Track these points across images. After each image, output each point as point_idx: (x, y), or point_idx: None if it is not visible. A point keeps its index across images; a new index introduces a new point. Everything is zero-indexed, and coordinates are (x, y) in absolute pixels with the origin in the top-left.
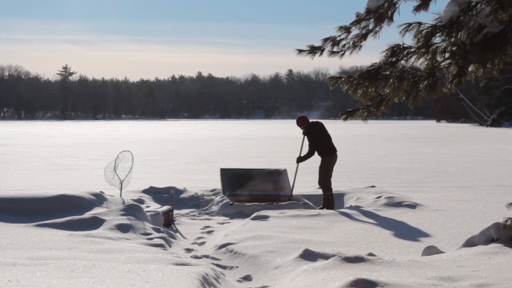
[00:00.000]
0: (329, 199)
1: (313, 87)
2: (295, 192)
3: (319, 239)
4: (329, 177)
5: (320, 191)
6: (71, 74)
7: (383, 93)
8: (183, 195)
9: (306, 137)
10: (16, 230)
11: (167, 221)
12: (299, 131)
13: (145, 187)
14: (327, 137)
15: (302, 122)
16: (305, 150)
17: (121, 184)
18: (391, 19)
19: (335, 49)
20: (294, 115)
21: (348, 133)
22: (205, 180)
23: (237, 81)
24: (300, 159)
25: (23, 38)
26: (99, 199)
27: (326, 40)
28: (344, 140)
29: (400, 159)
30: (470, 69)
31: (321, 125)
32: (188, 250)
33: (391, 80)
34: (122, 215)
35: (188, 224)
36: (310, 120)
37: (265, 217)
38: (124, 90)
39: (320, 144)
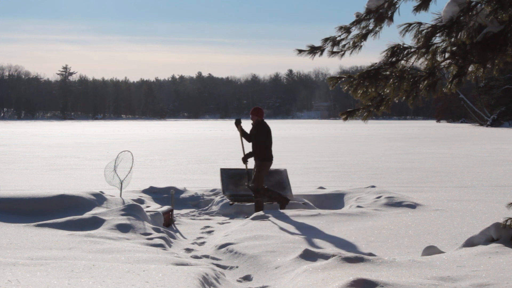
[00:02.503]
0: (260, 204)
1: (313, 87)
2: (295, 192)
3: (319, 239)
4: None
5: (320, 191)
6: (71, 74)
7: (383, 93)
8: (183, 195)
9: (256, 131)
10: (16, 230)
11: (167, 221)
12: (299, 130)
13: (145, 187)
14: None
15: (261, 114)
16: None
17: (121, 184)
18: (391, 19)
19: (335, 49)
20: (294, 115)
21: (348, 133)
22: (205, 180)
23: (237, 81)
24: (247, 157)
25: (23, 38)
26: (99, 199)
27: (326, 40)
28: (344, 140)
29: (400, 159)
30: (470, 69)
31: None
32: (188, 250)
33: (391, 80)
34: (122, 215)
35: (188, 224)
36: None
37: (265, 217)
38: (124, 90)
39: (269, 146)
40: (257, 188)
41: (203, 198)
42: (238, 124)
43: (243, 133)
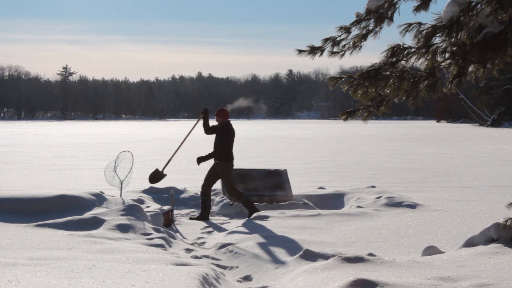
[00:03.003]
0: (249, 202)
1: (313, 87)
2: (295, 192)
3: (319, 239)
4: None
5: (321, 191)
6: (71, 74)
7: (383, 93)
8: (183, 195)
9: (222, 131)
10: (16, 230)
11: (167, 221)
12: (299, 130)
13: (145, 187)
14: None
15: (226, 115)
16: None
17: (121, 184)
18: (391, 19)
19: (335, 49)
20: (294, 115)
21: (348, 133)
22: None
23: (237, 81)
24: (202, 159)
25: (23, 38)
26: (99, 199)
27: (326, 40)
28: (344, 140)
29: (400, 159)
30: (470, 69)
31: None
32: (188, 250)
33: (391, 80)
34: (122, 215)
35: (188, 224)
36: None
37: (265, 217)
38: (124, 90)
39: (231, 148)
40: (237, 194)
41: None
42: (205, 112)
43: (206, 122)
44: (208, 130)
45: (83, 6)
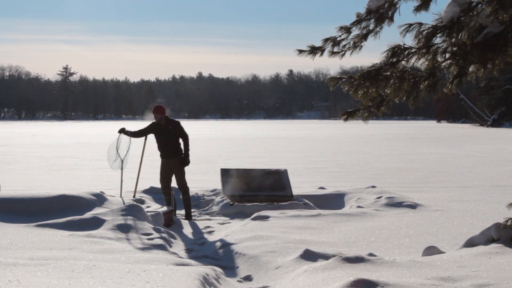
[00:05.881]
0: (171, 201)
1: (313, 87)
2: (296, 192)
3: (320, 239)
4: None
5: (321, 191)
6: (71, 74)
7: (383, 93)
8: None
9: (178, 127)
10: (16, 230)
11: (168, 221)
12: (299, 131)
13: (145, 187)
14: None
15: (164, 111)
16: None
17: (122, 163)
18: (391, 19)
19: (335, 49)
20: (294, 116)
21: (348, 133)
22: (205, 180)
23: (237, 81)
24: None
25: (22, 38)
26: (99, 199)
27: (326, 40)
28: (344, 140)
29: (400, 159)
30: (470, 69)
31: None
32: (189, 250)
33: (391, 80)
34: (123, 215)
35: (188, 224)
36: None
37: (265, 217)
38: (125, 90)
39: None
40: (169, 190)
41: (204, 198)
42: (123, 131)
43: (132, 134)
44: (141, 133)
45: (83, 6)
